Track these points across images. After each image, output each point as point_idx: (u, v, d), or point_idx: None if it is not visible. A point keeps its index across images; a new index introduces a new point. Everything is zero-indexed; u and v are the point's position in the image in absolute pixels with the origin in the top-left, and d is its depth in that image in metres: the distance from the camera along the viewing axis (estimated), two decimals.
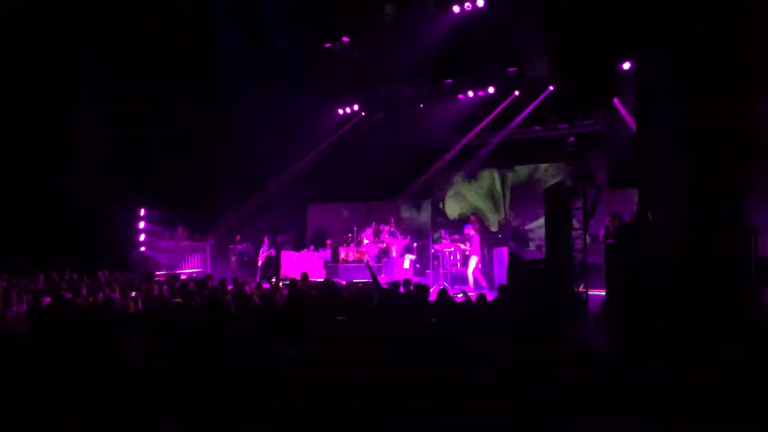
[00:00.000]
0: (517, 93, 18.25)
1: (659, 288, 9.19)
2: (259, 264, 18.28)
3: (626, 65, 14.40)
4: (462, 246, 16.43)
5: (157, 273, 15.73)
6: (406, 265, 17.04)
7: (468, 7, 16.78)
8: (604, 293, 11.01)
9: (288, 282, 11.36)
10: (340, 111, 21.07)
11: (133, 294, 9.89)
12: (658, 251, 9.62)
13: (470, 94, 18.87)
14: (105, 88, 17.82)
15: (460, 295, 10.24)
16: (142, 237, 19.22)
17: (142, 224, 19.28)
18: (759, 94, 6.55)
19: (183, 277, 15.25)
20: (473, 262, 15.56)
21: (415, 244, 18.21)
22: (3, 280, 11.89)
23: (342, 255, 18.41)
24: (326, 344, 5.37)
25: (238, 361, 4.51)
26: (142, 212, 19.28)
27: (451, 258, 16.75)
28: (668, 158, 9.45)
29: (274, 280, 16.28)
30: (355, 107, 20.99)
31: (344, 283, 12.63)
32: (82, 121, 18.10)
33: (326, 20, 18.93)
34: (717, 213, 7.57)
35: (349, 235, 19.91)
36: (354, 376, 4.55)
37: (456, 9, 17.00)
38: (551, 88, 17.11)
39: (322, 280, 14.20)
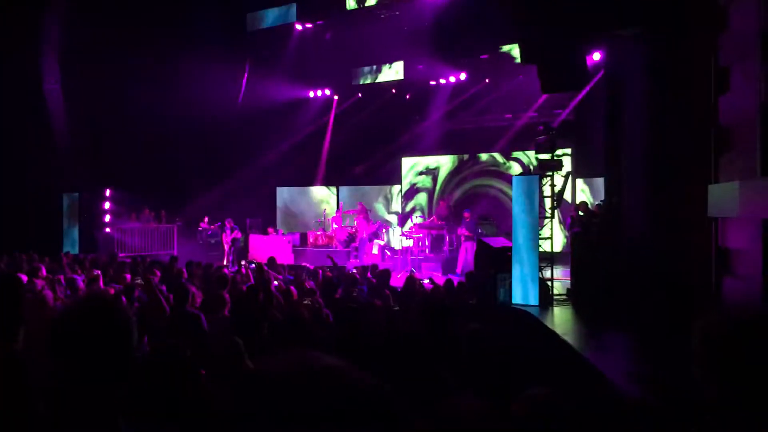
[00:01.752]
0: (487, 80, 18.29)
1: (623, 276, 9.31)
2: (226, 247, 18.11)
3: (596, 56, 14.51)
4: (465, 232, 15.88)
5: (122, 255, 15.52)
6: (375, 250, 17.03)
7: None
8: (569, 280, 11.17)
9: (254, 266, 11.26)
10: (311, 94, 20.95)
11: (96, 273, 9.73)
12: (622, 240, 9.74)
13: (442, 80, 18.87)
14: (69, 66, 17.44)
15: (427, 281, 10.26)
16: (107, 218, 18.92)
17: (107, 205, 18.97)
18: (726, 85, 6.62)
19: (148, 259, 15.04)
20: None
21: (384, 230, 18.21)
22: None
23: (311, 239, 18.35)
24: (287, 330, 5.34)
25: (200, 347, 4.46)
26: (108, 193, 18.96)
27: (420, 244, 16.78)
28: (635, 147, 9.54)
29: (243, 263, 16.16)
30: (327, 91, 20.88)
31: (312, 267, 12.58)
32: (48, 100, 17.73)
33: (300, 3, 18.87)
34: (681, 203, 7.67)
35: (318, 219, 19.84)
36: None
37: None
38: (521, 76, 17.16)
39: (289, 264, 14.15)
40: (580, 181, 17.60)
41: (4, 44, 16.02)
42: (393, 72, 19.65)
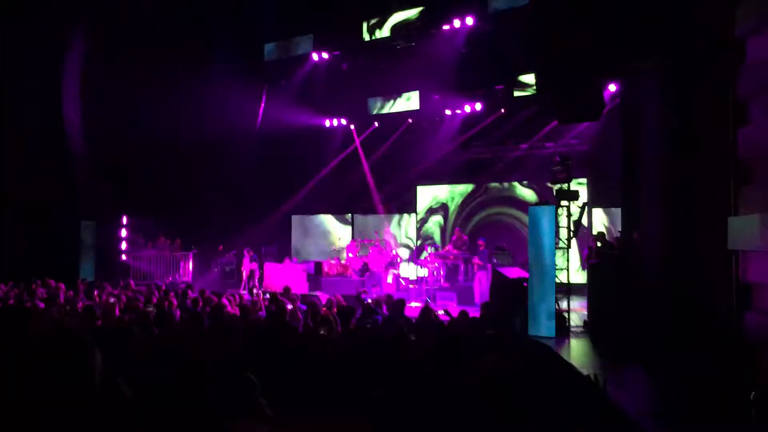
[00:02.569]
0: (503, 110, 18.33)
1: (641, 308, 9.19)
2: (244, 276, 18.12)
3: (612, 87, 14.51)
4: (478, 261, 16.07)
5: (136, 282, 15.56)
6: (390, 280, 16.96)
7: (457, 25, 16.86)
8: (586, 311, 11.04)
9: (268, 296, 11.23)
10: (327, 123, 21.07)
11: (112, 301, 9.77)
12: (641, 272, 9.63)
13: (458, 110, 18.93)
14: (87, 92, 17.58)
15: (442, 312, 10.16)
16: (123, 245, 19.01)
17: (124, 232, 19.07)
18: (744, 117, 6.58)
19: (163, 287, 15.07)
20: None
21: (399, 259, 18.15)
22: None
23: (325, 268, 18.30)
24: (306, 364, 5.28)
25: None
26: (125, 220, 19.07)
27: (435, 274, 16.70)
28: (653, 179, 9.47)
29: (256, 291, 16.14)
30: (343, 121, 21.01)
31: (325, 296, 12.51)
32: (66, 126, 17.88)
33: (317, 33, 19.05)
34: (701, 235, 7.58)
35: (333, 248, 19.83)
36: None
37: (446, 27, 17.07)
38: (537, 106, 17.18)
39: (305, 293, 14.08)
40: (598, 211, 17.50)
41: (25, 70, 16.27)
42: (408, 102, 19.73)
